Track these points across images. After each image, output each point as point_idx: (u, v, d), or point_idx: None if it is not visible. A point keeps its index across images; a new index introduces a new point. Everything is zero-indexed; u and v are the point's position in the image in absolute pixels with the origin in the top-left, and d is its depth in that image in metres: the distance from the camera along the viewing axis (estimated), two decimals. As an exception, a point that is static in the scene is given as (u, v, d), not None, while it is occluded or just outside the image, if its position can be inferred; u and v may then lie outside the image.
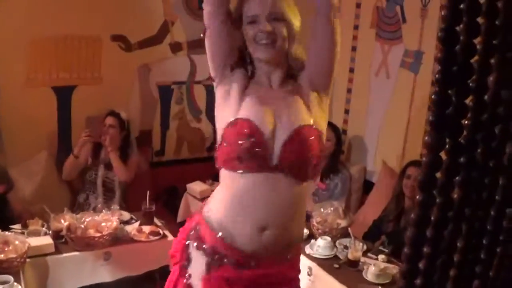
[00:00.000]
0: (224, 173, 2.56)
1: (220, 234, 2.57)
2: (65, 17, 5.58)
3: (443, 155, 1.34)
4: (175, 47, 6.34)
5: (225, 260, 2.56)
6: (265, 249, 2.56)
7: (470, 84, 1.32)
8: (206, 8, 2.52)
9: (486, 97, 1.36)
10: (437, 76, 1.25)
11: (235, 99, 2.54)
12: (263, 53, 2.53)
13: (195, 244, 2.65)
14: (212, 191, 3.05)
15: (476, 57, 1.32)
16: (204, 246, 2.62)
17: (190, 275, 2.68)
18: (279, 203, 2.52)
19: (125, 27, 5.96)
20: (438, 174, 1.34)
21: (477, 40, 1.31)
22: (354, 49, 6.27)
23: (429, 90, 5.23)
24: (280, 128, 2.45)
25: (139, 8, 5.95)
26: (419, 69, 5.40)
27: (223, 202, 2.58)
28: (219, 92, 2.60)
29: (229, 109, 2.52)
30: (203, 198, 5.39)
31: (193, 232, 2.68)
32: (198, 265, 2.64)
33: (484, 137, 1.38)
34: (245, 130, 2.45)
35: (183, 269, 2.72)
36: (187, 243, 2.71)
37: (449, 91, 1.27)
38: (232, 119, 2.48)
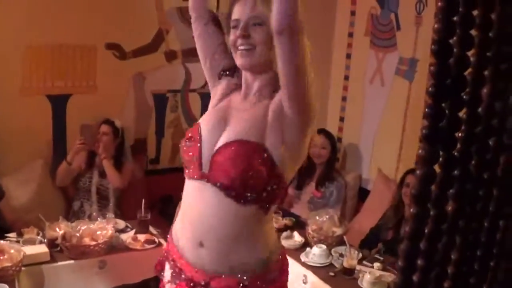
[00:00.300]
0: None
1: (176, 245, 2.51)
2: (60, 26, 5.57)
3: (437, 168, 1.34)
4: (170, 56, 6.33)
5: (182, 275, 2.45)
6: (204, 269, 2.40)
7: (464, 97, 1.32)
8: (191, 14, 2.57)
9: (479, 109, 1.36)
10: (430, 89, 1.25)
11: (211, 106, 2.54)
12: (240, 60, 2.38)
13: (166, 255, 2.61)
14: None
15: (469, 70, 1.32)
16: (170, 258, 2.56)
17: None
18: (213, 220, 2.35)
19: (120, 36, 5.95)
20: (432, 187, 1.34)
21: (470, 53, 1.31)
22: (348, 56, 6.28)
23: (424, 98, 5.24)
24: (221, 138, 2.34)
25: (134, 16, 5.95)
26: (414, 77, 5.42)
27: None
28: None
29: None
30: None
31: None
32: (168, 277, 2.57)
33: (478, 149, 1.38)
34: (189, 134, 2.45)
35: (161, 280, 2.67)
36: (164, 253, 2.66)
37: (443, 104, 1.27)
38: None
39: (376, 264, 4.22)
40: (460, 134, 1.35)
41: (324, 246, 4.31)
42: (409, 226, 1.35)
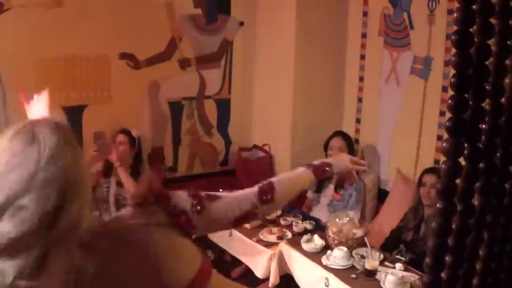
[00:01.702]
0: None
1: None
2: (73, 38, 5.58)
3: (462, 161, 1.31)
4: (184, 63, 6.34)
5: None
6: None
7: (486, 87, 1.29)
8: None
9: (503, 99, 1.33)
10: (452, 80, 1.22)
11: None
12: None
13: None
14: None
15: (491, 59, 1.29)
16: None
17: None
18: None
19: (133, 45, 5.96)
20: (457, 181, 1.30)
21: (491, 41, 1.29)
22: (363, 57, 6.25)
23: (439, 96, 5.21)
24: None
25: (146, 25, 5.95)
26: (429, 75, 5.37)
27: None
28: None
29: None
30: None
31: None
32: None
33: (503, 140, 1.35)
34: None
35: None
36: None
37: (465, 95, 1.24)
38: None
39: (398, 265, 4.18)
40: (484, 126, 1.32)
41: (345, 249, 4.29)
42: (436, 221, 1.31)
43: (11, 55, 5.34)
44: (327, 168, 2.37)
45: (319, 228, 4.95)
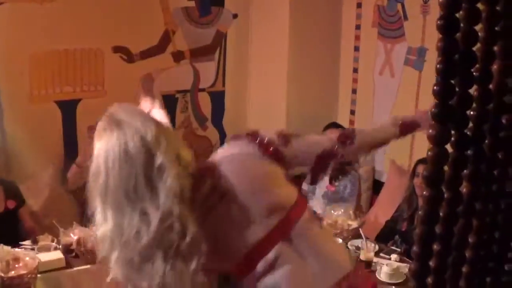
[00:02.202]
0: None
1: None
2: (66, 31, 5.57)
3: (449, 148, 1.30)
4: (178, 56, 6.32)
5: None
6: None
7: (474, 73, 1.28)
8: None
9: (491, 86, 1.32)
10: (438, 65, 1.21)
11: None
12: None
13: None
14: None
15: (478, 45, 1.28)
16: None
17: None
18: None
19: (126, 38, 5.94)
20: (445, 168, 1.30)
21: (478, 27, 1.28)
22: (357, 49, 6.24)
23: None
24: None
25: (139, 18, 5.93)
26: (423, 66, 5.37)
27: None
28: None
29: None
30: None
31: None
32: None
33: (491, 127, 1.34)
34: None
35: None
36: None
37: (452, 81, 1.23)
38: None
39: (393, 256, 4.19)
40: (471, 112, 1.31)
41: (340, 240, 4.28)
42: (423, 209, 1.31)
43: (4, 49, 5.33)
44: (415, 129, 2.59)
45: (315, 219, 4.94)
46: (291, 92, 6.28)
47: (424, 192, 1.30)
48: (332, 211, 4.61)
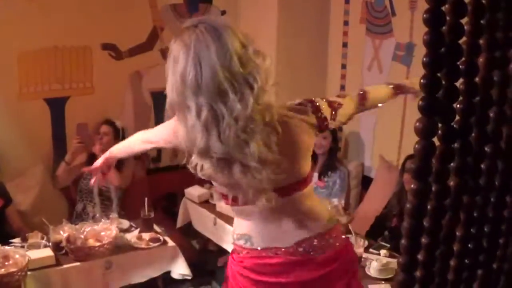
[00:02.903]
0: None
1: None
2: (53, 29, 5.56)
3: (436, 141, 1.30)
4: (166, 53, 6.28)
5: None
6: None
7: (460, 66, 1.28)
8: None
9: (477, 79, 1.33)
10: (424, 59, 1.22)
11: None
12: None
13: None
14: (211, 194, 4.58)
15: (464, 38, 1.28)
16: None
17: None
18: None
19: (115, 36, 5.94)
20: (432, 161, 1.30)
21: (464, 20, 1.28)
22: (345, 45, 6.25)
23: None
24: None
25: (127, 15, 5.93)
26: (412, 62, 5.38)
27: None
28: None
29: None
30: (201, 202, 5.37)
31: None
32: None
33: (478, 120, 1.35)
34: None
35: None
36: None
37: (438, 74, 1.23)
38: None
39: (383, 251, 4.20)
40: (458, 106, 1.31)
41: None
42: (411, 202, 1.31)
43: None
44: (409, 91, 3.14)
45: (304, 215, 4.94)
46: (279, 87, 6.26)
47: (412, 185, 1.30)
48: (321, 207, 4.60)
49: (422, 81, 1.23)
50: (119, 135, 5.59)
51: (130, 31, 6.02)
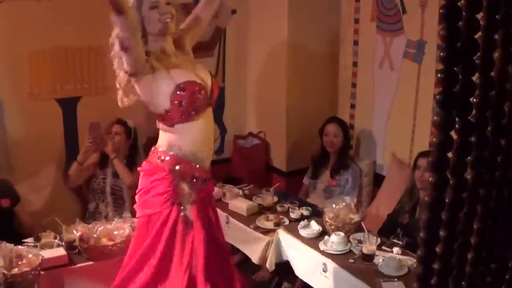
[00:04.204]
0: (182, 126, 3.40)
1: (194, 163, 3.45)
2: (64, 29, 5.56)
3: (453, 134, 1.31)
4: (177, 52, 6.31)
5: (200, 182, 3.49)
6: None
7: (476, 61, 1.29)
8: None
9: (492, 73, 1.34)
10: (441, 53, 1.23)
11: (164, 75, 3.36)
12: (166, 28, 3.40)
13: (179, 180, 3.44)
14: (223, 193, 4.87)
15: (479, 33, 1.29)
16: (187, 178, 3.45)
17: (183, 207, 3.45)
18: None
19: (126, 35, 5.94)
20: (449, 155, 1.31)
21: (479, 15, 1.29)
22: (356, 43, 6.24)
23: (433, 79, 5.21)
24: (207, 81, 3.49)
25: (139, 15, 5.93)
26: (423, 59, 5.37)
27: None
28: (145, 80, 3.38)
29: (164, 83, 3.33)
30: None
31: (173, 172, 3.44)
32: (187, 196, 3.44)
33: (494, 114, 1.36)
34: (197, 88, 3.34)
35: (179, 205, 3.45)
36: (175, 181, 3.44)
37: (455, 69, 1.24)
38: (174, 86, 3.30)
39: (395, 249, 4.19)
40: (474, 99, 1.32)
41: (342, 234, 4.29)
42: (429, 195, 1.32)
43: (4, 47, 5.33)
44: None
45: (316, 214, 4.95)
46: (291, 86, 6.28)
47: (430, 178, 1.31)
48: (333, 205, 4.61)
49: (439, 75, 1.24)
50: (131, 135, 5.62)
51: (142, 31, 6.02)
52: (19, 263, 3.83)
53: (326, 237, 4.37)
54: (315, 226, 4.58)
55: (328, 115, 5.90)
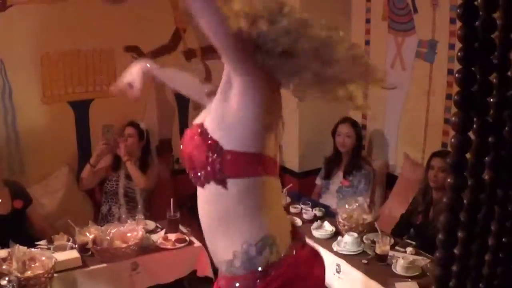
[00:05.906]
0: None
1: None
2: (77, 32, 5.59)
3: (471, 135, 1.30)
4: (189, 54, 6.33)
5: None
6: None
7: (493, 61, 1.28)
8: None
9: (509, 72, 1.33)
10: (459, 53, 1.22)
11: None
12: None
13: None
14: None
15: (496, 33, 1.29)
16: None
17: None
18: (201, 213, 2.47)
19: (137, 38, 5.96)
20: (467, 155, 1.30)
21: (496, 15, 1.28)
22: (367, 43, 6.23)
23: (445, 79, 5.20)
24: None
25: (150, 17, 5.94)
26: (434, 59, 5.36)
27: None
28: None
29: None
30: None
31: None
32: None
33: (511, 114, 1.35)
34: None
35: None
36: None
37: (473, 68, 1.23)
38: None
39: (409, 249, 4.18)
40: (492, 99, 1.31)
41: (355, 234, 4.28)
42: (448, 196, 1.31)
43: (16, 51, 5.36)
44: None
45: (329, 214, 4.95)
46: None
47: (448, 180, 1.30)
48: (346, 206, 4.60)
49: (457, 75, 1.23)
50: (143, 137, 5.63)
51: (153, 33, 6.03)
52: (32, 265, 3.84)
53: (339, 237, 4.36)
54: (328, 227, 4.58)
55: (340, 116, 5.88)
